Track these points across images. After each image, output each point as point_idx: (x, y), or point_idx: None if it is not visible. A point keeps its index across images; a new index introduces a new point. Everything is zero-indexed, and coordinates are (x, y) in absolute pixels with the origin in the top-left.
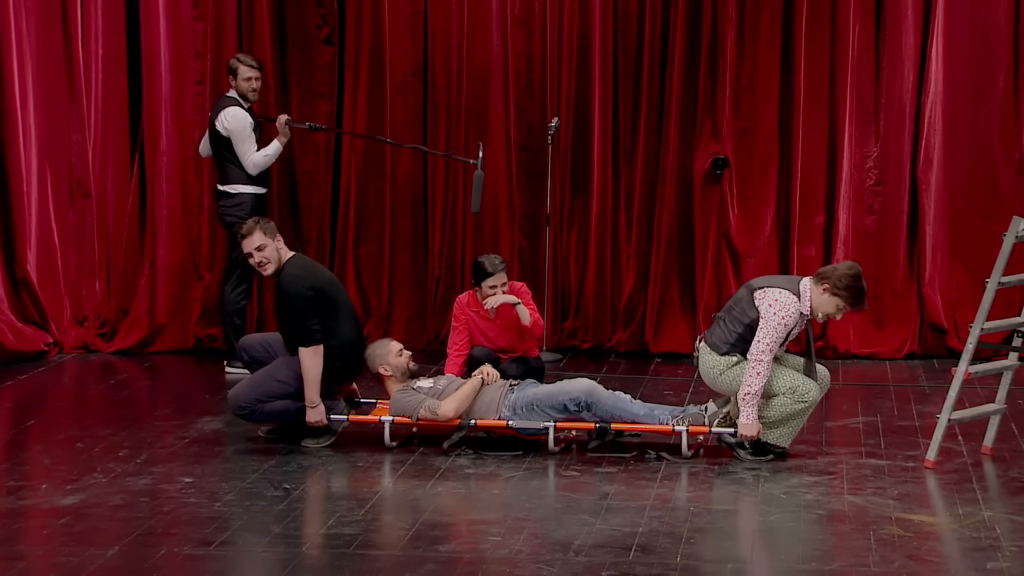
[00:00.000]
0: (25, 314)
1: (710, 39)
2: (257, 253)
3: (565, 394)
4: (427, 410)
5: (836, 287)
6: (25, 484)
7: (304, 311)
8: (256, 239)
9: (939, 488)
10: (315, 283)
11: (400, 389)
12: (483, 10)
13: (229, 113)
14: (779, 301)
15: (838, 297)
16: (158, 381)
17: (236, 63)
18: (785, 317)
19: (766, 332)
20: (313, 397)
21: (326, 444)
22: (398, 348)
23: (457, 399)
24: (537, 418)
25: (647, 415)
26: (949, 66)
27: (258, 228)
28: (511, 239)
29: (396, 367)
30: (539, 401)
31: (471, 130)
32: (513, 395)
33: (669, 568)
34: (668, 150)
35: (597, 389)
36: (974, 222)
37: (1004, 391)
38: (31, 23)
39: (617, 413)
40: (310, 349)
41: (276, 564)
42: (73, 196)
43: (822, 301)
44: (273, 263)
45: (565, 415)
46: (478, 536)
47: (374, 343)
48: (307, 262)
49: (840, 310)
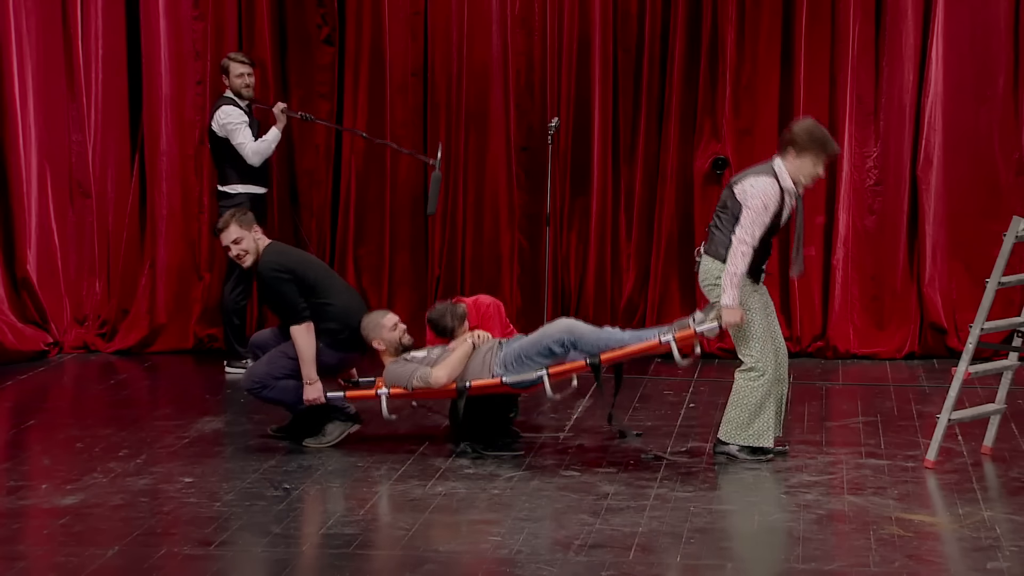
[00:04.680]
0: (25, 314)
1: (710, 39)
2: (234, 246)
3: (547, 338)
4: (419, 379)
5: (802, 146)
6: (25, 484)
7: (286, 293)
8: (232, 232)
9: (939, 488)
10: (289, 265)
11: (393, 361)
12: (483, 10)
13: (221, 112)
14: (755, 186)
15: (808, 153)
16: (158, 381)
17: (227, 61)
18: (765, 199)
19: (748, 217)
20: (310, 374)
21: (327, 444)
22: (392, 322)
23: (448, 365)
24: (528, 369)
25: (634, 337)
26: (949, 66)
27: (233, 221)
28: (511, 239)
29: (389, 342)
30: (525, 351)
31: (471, 130)
32: (502, 352)
33: (669, 568)
34: (668, 150)
35: (577, 326)
36: (974, 222)
37: (1004, 391)
38: (31, 23)
39: (603, 344)
40: (301, 327)
41: (276, 564)
42: (73, 196)
43: (797, 166)
44: (251, 254)
45: (553, 359)
46: (478, 536)
47: (371, 313)
48: (281, 248)
49: (818, 164)
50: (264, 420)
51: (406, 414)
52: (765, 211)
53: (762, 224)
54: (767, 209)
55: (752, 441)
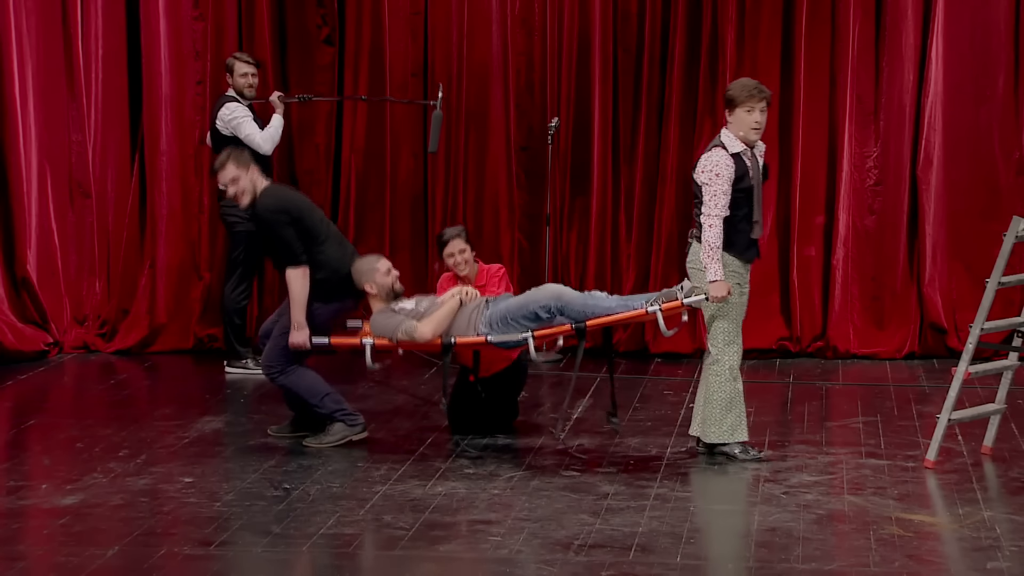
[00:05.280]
0: (25, 314)
1: (710, 39)
2: (232, 186)
3: (535, 302)
4: (404, 333)
5: (730, 101)
6: (25, 484)
7: (284, 236)
8: (229, 171)
9: (939, 488)
10: (290, 210)
11: (380, 310)
12: (483, 10)
13: (225, 109)
14: (705, 162)
15: (737, 106)
16: (158, 381)
17: (232, 60)
18: (715, 168)
19: (709, 193)
20: (299, 319)
21: (328, 444)
22: (386, 267)
23: (434, 321)
24: (513, 331)
25: (621, 305)
26: (949, 66)
27: (230, 160)
28: (511, 239)
29: (381, 286)
30: (511, 313)
31: (471, 130)
32: (488, 311)
33: (669, 568)
34: (668, 150)
35: (565, 292)
36: (974, 222)
37: (1004, 391)
38: (31, 23)
39: (590, 311)
40: (298, 271)
41: (276, 564)
42: (73, 196)
43: (736, 120)
44: (249, 194)
45: (539, 324)
46: (478, 536)
47: (363, 258)
48: (280, 189)
49: (752, 111)
50: (264, 420)
51: (407, 412)
52: (719, 179)
53: (723, 193)
54: (720, 176)
55: (727, 437)
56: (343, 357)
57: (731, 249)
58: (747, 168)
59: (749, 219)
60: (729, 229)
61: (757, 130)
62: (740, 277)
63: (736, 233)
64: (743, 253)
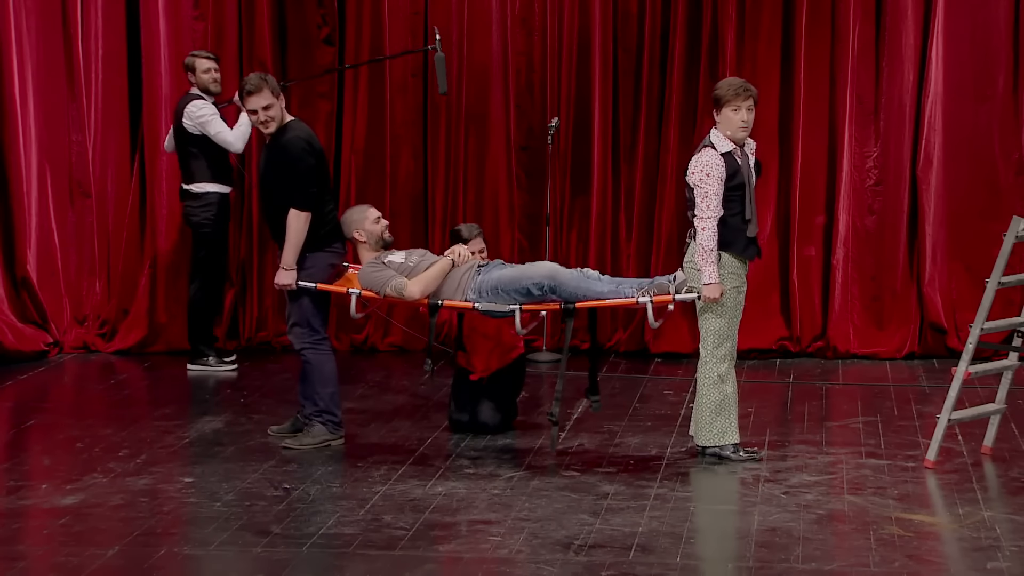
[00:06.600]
0: (25, 314)
1: (710, 39)
2: (263, 112)
3: (528, 278)
4: (393, 289)
5: (716, 101)
6: (25, 484)
7: (306, 176)
8: (264, 97)
9: (939, 488)
10: (318, 149)
11: (370, 261)
12: (483, 10)
13: (192, 106)
14: (694, 164)
15: (723, 105)
16: (158, 381)
17: (192, 59)
18: (705, 168)
19: (700, 194)
20: (289, 260)
21: (308, 447)
22: (376, 215)
23: (424, 280)
24: (502, 301)
25: (612, 291)
26: (949, 66)
27: (266, 86)
28: (511, 239)
29: (371, 234)
30: (503, 285)
31: (471, 130)
32: (479, 277)
33: (669, 568)
34: (668, 150)
35: (560, 272)
36: (974, 222)
37: (1004, 391)
38: (31, 23)
39: (581, 293)
40: (303, 214)
41: (276, 564)
42: (73, 196)
43: (723, 120)
44: (276, 122)
45: (529, 299)
46: (478, 536)
47: (351, 208)
48: (309, 130)
49: (740, 110)
50: (264, 420)
51: (407, 412)
52: (710, 179)
53: (715, 193)
54: (711, 176)
55: (717, 440)
56: (344, 358)
57: (730, 248)
58: (738, 166)
59: (743, 217)
60: (725, 229)
61: (744, 129)
62: (738, 277)
63: (733, 232)
64: (742, 252)
